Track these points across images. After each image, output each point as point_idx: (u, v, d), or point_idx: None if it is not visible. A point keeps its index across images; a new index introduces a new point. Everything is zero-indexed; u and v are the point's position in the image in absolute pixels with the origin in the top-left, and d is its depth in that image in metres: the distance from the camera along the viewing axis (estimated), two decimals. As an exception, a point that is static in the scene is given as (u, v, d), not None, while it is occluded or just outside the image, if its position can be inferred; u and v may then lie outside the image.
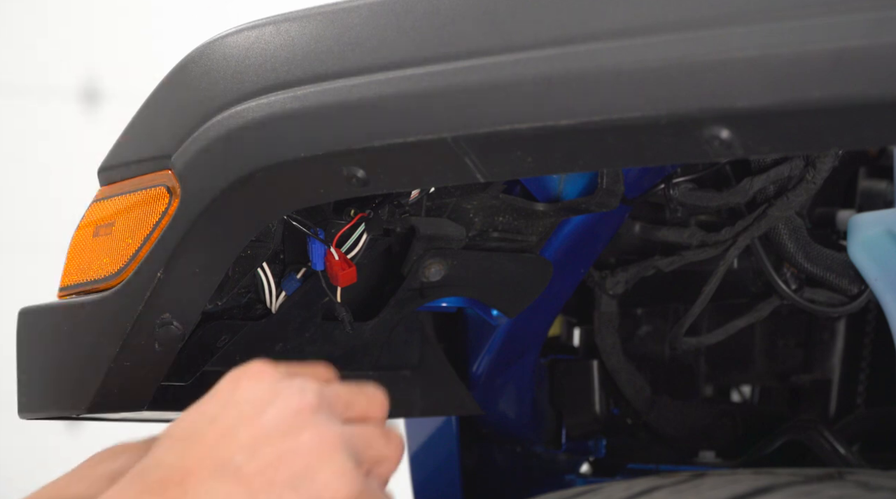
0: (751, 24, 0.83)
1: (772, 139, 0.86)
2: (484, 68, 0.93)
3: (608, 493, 0.99)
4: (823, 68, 0.81)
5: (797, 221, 1.25)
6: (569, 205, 1.12)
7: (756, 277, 1.33)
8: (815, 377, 1.51)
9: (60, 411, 1.14)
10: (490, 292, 1.18)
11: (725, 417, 1.46)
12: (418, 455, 1.49)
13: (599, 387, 1.39)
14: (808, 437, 1.37)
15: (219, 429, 0.88)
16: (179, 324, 1.07)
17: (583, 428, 1.42)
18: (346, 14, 1.02)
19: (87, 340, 1.12)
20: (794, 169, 1.21)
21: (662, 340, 1.42)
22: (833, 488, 0.95)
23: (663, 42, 0.86)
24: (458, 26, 0.96)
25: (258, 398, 0.89)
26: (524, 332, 1.33)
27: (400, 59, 0.98)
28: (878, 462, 1.39)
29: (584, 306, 1.41)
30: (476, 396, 1.32)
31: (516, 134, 0.92)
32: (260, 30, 1.07)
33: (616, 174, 1.11)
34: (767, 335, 1.51)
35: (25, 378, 1.18)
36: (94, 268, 1.14)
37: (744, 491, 0.94)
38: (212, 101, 1.05)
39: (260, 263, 1.13)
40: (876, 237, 1.15)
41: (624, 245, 1.32)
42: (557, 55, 0.90)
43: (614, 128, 0.88)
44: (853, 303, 1.28)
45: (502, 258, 1.17)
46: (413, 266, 1.12)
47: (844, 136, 0.85)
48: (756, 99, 0.83)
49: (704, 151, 0.87)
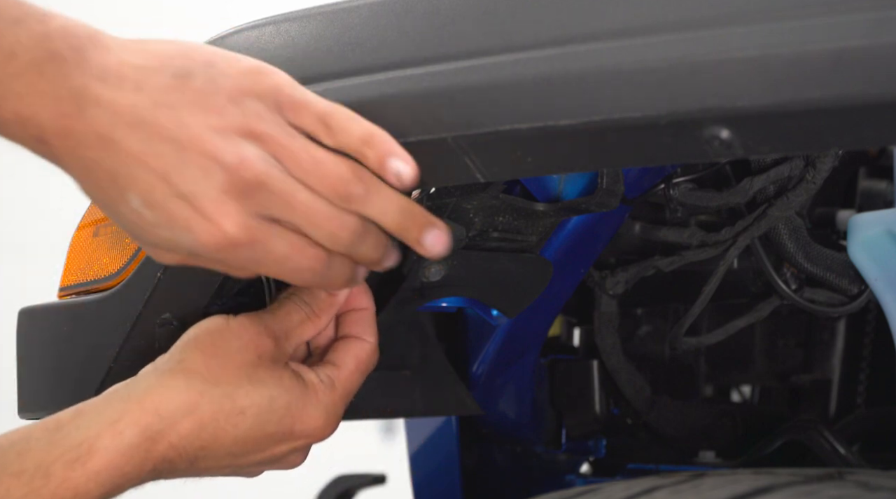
0: (751, 24, 0.83)
1: (772, 139, 0.86)
2: (484, 68, 0.93)
3: (608, 493, 0.99)
4: (823, 68, 0.81)
5: (797, 221, 1.25)
6: (569, 205, 1.12)
7: (756, 277, 1.33)
8: (815, 377, 1.51)
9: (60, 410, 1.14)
10: (490, 292, 1.18)
11: (725, 417, 1.46)
12: (418, 455, 1.49)
13: (599, 387, 1.39)
14: (808, 437, 1.37)
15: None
16: (179, 324, 1.07)
17: (583, 428, 1.42)
18: (346, 14, 1.02)
19: (87, 340, 1.12)
20: (794, 169, 1.21)
21: (662, 340, 1.42)
22: (833, 488, 0.95)
23: (663, 42, 0.86)
24: (458, 26, 0.96)
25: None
26: (524, 332, 1.33)
27: (400, 59, 0.98)
28: (878, 462, 1.39)
29: (584, 306, 1.41)
30: (476, 396, 1.31)
31: (516, 134, 0.92)
32: (260, 30, 1.07)
33: (616, 174, 1.11)
34: (767, 335, 1.51)
35: (25, 378, 1.18)
36: (94, 268, 1.14)
37: (744, 491, 0.94)
38: (212, 101, 1.05)
39: (260, 263, 1.13)
40: (876, 237, 1.15)
41: (624, 245, 1.32)
42: (557, 55, 0.90)
43: (614, 128, 0.88)
44: (853, 303, 1.28)
45: (502, 258, 1.17)
46: (413, 266, 1.12)
47: (844, 136, 0.85)
48: (756, 99, 0.83)
49: (704, 150, 0.87)
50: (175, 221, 0.92)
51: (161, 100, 0.92)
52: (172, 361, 1.03)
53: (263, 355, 1.04)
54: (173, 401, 1.01)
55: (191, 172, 0.92)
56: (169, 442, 1.01)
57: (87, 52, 0.92)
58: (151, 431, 1.00)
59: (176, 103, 0.92)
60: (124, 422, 1.00)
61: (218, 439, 1.02)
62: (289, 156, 0.93)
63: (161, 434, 1.00)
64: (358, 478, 1.65)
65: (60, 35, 0.91)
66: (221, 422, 1.02)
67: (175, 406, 1.01)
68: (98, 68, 0.92)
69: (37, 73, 0.90)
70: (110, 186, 0.93)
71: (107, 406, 1.01)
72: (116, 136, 0.91)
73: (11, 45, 0.90)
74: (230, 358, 1.02)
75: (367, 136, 0.94)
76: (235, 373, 1.02)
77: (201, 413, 1.01)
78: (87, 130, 0.92)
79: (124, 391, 1.02)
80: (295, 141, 0.93)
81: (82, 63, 0.91)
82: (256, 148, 0.92)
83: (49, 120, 0.91)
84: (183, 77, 0.92)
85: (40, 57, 0.90)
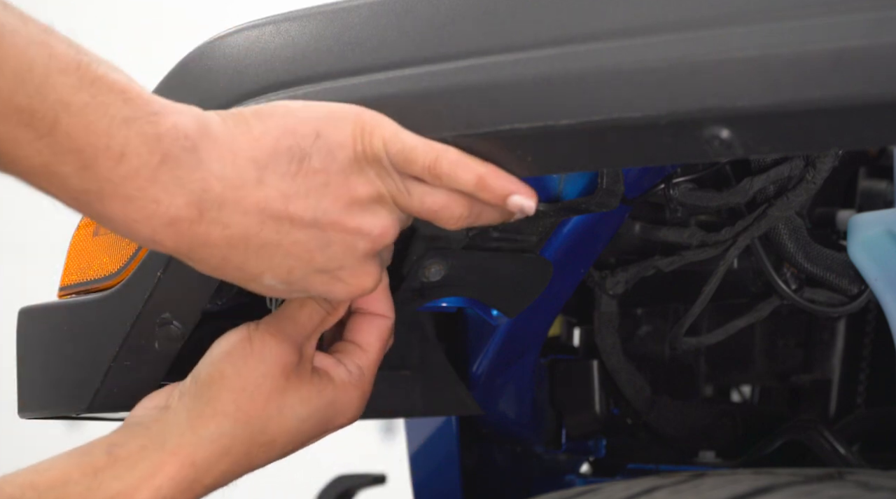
0: (751, 24, 0.83)
1: (772, 139, 0.86)
2: (484, 68, 0.93)
3: (608, 493, 0.99)
4: (823, 68, 0.81)
5: (797, 221, 1.25)
6: (569, 205, 1.12)
7: (756, 277, 1.33)
8: (815, 377, 1.51)
9: (60, 410, 1.14)
10: (490, 292, 1.18)
11: (725, 417, 1.45)
12: (418, 455, 1.49)
13: (599, 387, 1.39)
14: (808, 437, 1.37)
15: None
16: (179, 324, 1.07)
17: (583, 428, 1.42)
18: (346, 14, 1.02)
19: (87, 340, 1.12)
20: (794, 169, 1.21)
21: (662, 340, 1.42)
22: (833, 488, 0.95)
23: (663, 42, 0.86)
24: (458, 26, 0.96)
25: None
26: (524, 332, 1.33)
27: (400, 58, 0.98)
28: (878, 462, 1.39)
29: (584, 306, 1.41)
30: (476, 396, 1.31)
31: (516, 134, 0.92)
32: (260, 29, 1.07)
33: (616, 174, 1.11)
34: (767, 335, 1.51)
35: (25, 378, 1.18)
36: (94, 267, 1.14)
37: (744, 491, 0.94)
38: (212, 101, 1.05)
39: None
40: (876, 237, 1.15)
41: (624, 245, 1.32)
42: (557, 55, 0.90)
43: (614, 128, 0.88)
44: (853, 303, 1.27)
45: (502, 258, 1.17)
46: (413, 266, 1.12)
47: (844, 136, 0.85)
48: (756, 99, 0.83)
49: (704, 150, 0.87)
50: (313, 289, 0.96)
51: (287, 190, 0.92)
52: (201, 401, 1.03)
53: (290, 374, 1.04)
54: (207, 449, 1.02)
55: (333, 250, 0.94)
56: (204, 485, 1.03)
57: (201, 152, 0.90)
58: (188, 481, 1.02)
59: (303, 191, 0.92)
60: (161, 476, 1.01)
61: (252, 465, 1.05)
62: (412, 207, 0.96)
63: (197, 481, 1.03)
64: (358, 478, 1.65)
65: (172, 136, 0.89)
66: (254, 454, 1.04)
67: (209, 453, 1.02)
68: (216, 168, 0.91)
69: (150, 179, 0.89)
70: (240, 274, 0.95)
71: (142, 458, 1.02)
72: (249, 233, 0.92)
73: (121, 146, 0.88)
74: (258, 390, 1.03)
75: (478, 180, 0.95)
76: (265, 406, 1.03)
77: (235, 453, 1.03)
78: (213, 233, 0.91)
79: (158, 438, 1.03)
80: (413, 195, 0.96)
81: (199, 165, 0.90)
82: (386, 210, 0.95)
83: (164, 225, 0.91)
84: (300, 161, 0.92)
85: (154, 161, 0.89)
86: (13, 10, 0.87)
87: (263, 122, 0.93)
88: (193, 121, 0.91)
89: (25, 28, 0.87)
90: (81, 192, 0.89)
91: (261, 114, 0.94)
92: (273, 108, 0.94)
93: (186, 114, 0.91)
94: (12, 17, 0.86)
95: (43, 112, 0.86)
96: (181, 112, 0.91)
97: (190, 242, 0.92)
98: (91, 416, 1.14)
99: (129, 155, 0.88)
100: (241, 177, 0.91)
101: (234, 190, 0.91)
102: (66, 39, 0.89)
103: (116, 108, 0.88)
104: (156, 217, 0.90)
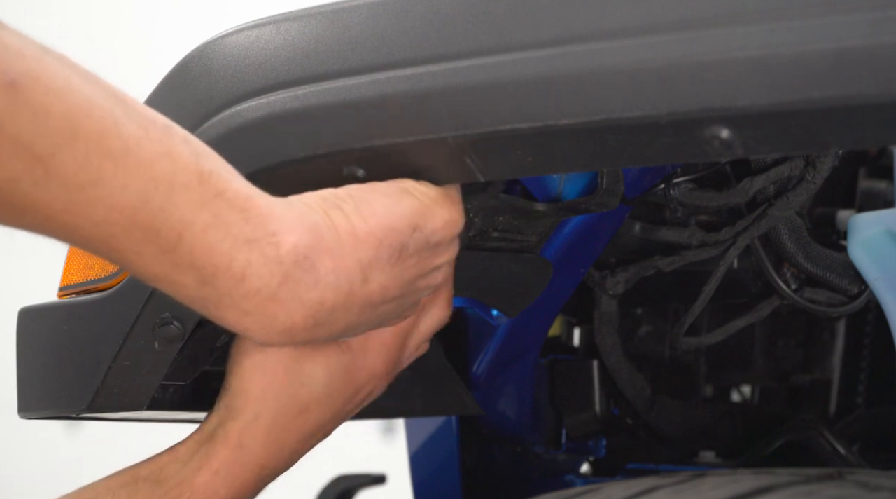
0: (751, 24, 0.83)
1: (772, 139, 0.86)
2: (484, 68, 0.93)
3: (608, 493, 0.99)
4: (823, 68, 0.81)
5: (797, 221, 1.25)
6: (569, 205, 1.12)
7: (756, 277, 1.33)
8: (815, 377, 1.51)
9: (60, 410, 1.14)
10: (490, 292, 1.18)
11: (725, 417, 1.45)
12: (418, 455, 1.49)
13: (599, 387, 1.39)
14: (808, 437, 1.37)
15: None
16: (179, 324, 1.07)
17: (583, 428, 1.42)
18: (346, 14, 1.02)
19: (87, 340, 1.12)
20: (794, 169, 1.21)
21: (662, 340, 1.42)
22: (833, 488, 0.95)
23: (663, 42, 0.86)
24: (458, 26, 0.96)
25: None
26: (524, 332, 1.33)
27: (400, 58, 0.98)
28: (878, 462, 1.39)
29: (584, 306, 1.41)
30: (476, 396, 1.31)
31: (516, 134, 0.92)
32: (260, 29, 1.07)
33: (616, 174, 1.11)
34: (767, 335, 1.51)
35: (25, 378, 1.17)
36: (94, 267, 1.14)
37: (744, 491, 0.94)
38: (212, 101, 1.05)
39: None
40: (876, 237, 1.15)
41: (624, 245, 1.32)
42: (557, 55, 0.90)
43: (614, 128, 0.88)
44: (853, 303, 1.27)
45: (502, 258, 1.17)
46: (413, 266, 1.12)
47: (844, 136, 0.85)
48: (756, 99, 0.83)
49: (704, 150, 0.87)
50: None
51: (385, 282, 0.97)
52: (229, 446, 1.05)
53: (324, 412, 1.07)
54: (233, 485, 1.05)
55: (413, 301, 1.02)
56: (262, 466, 1.06)
57: (318, 270, 0.93)
58: (240, 463, 1.05)
59: (397, 276, 0.98)
60: (215, 461, 1.04)
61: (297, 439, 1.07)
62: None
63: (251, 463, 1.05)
64: (358, 478, 1.65)
65: (292, 258, 0.91)
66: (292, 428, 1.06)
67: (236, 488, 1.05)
68: (330, 280, 0.93)
69: (269, 297, 0.91)
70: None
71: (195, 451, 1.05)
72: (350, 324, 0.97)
73: (243, 267, 0.90)
74: (290, 437, 1.06)
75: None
76: (295, 447, 1.06)
77: (263, 477, 1.06)
78: (321, 333, 0.95)
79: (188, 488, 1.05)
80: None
81: (316, 284, 0.93)
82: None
83: (279, 333, 0.93)
84: (399, 253, 0.97)
85: (274, 283, 0.91)
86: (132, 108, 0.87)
87: (366, 221, 0.96)
88: (309, 236, 0.93)
89: (148, 137, 0.86)
90: (199, 299, 0.92)
91: (360, 208, 0.96)
92: (371, 201, 0.97)
93: (300, 228, 0.92)
94: (134, 123, 0.86)
95: (167, 231, 0.87)
96: (297, 228, 0.92)
97: (299, 341, 0.96)
98: (91, 416, 1.14)
99: (251, 276, 0.90)
100: (350, 282, 0.95)
101: (345, 296, 0.95)
102: (184, 136, 0.89)
103: (238, 228, 0.89)
104: (272, 328, 0.93)
